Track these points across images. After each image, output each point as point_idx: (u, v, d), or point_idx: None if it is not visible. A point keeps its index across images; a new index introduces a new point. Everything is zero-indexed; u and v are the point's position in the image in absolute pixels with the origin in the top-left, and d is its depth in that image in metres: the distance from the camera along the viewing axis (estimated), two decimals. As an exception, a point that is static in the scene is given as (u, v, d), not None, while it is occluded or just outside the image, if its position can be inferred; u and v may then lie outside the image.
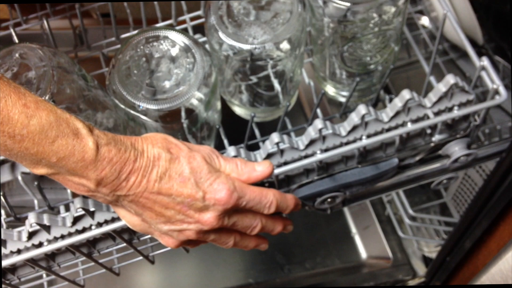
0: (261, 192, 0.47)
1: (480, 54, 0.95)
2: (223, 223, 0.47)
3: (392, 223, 0.95)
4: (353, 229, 0.95)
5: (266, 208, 0.47)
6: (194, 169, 0.44)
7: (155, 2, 0.77)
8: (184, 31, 0.55)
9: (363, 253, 0.94)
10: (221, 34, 0.52)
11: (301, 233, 0.93)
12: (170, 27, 0.54)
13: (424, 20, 0.96)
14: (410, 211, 0.91)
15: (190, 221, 0.46)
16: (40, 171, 0.41)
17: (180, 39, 0.53)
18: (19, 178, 0.64)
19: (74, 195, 0.66)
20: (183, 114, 0.53)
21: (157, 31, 0.53)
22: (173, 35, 0.53)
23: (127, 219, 0.47)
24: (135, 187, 0.43)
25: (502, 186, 0.56)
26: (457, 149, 0.54)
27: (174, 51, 0.52)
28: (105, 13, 1.00)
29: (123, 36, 0.77)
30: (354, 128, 0.49)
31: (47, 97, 0.50)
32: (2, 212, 0.64)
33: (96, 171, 0.41)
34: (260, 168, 0.47)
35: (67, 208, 0.65)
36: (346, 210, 0.97)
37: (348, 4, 0.52)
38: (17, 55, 0.52)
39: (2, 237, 0.48)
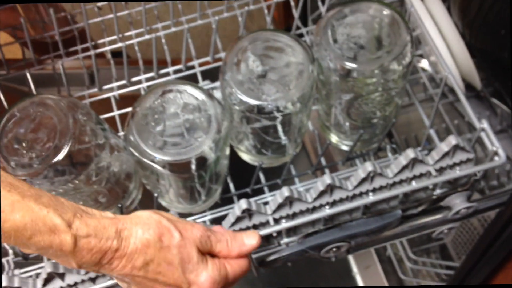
0: (242, 270, 0.49)
1: (478, 98, 0.98)
2: None
3: (393, 263, 0.96)
4: (354, 269, 0.96)
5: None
6: (183, 259, 0.46)
7: (165, 47, 0.80)
8: (198, 85, 0.57)
9: (364, 294, 0.95)
10: (235, 90, 0.55)
11: (302, 272, 0.94)
12: (186, 80, 0.56)
13: (424, 63, 0.99)
14: (410, 254, 0.92)
15: None
16: (27, 251, 0.43)
17: (196, 93, 0.55)
18: None
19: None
20: (194, 164, 0.55)
21: (175, 85, 0.55)
22: (190, 89, 0.55)
23: (117, 282, 0.49)
24: (119, 270, 0.45)
25: (501, 238, 0.58)
26: (458, 202, 0.57)
27: (190, 105, 0.55)
28: (115, 52, 1.03)
29: (134, 79, 0.79)
30: (360, 182, 0.52)
31: (67, 149, 0.52)
32: (10, 251, 0.65)
33: (75, 258, 0.43)
34: (249, 242, 0.49)
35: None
36: (348, 248, 0.99)
37: (354, 65, 0.55)
38: (38, 106, 0.54)
39: (18, 284, 0.49)
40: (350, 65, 0.56)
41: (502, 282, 0.65)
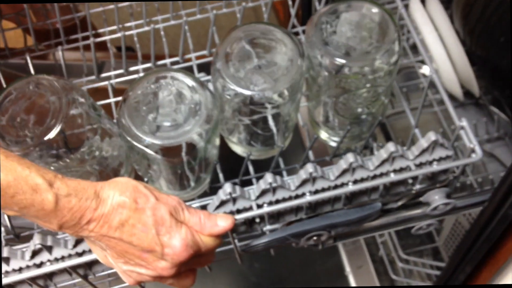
0: (216, 245, 0.51)
1: (476, 105, 0.99)
2: (179, 271, 0.50)
3: (385, 264, 0.98)
4: (347, 268, 0.97)
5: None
6: (157, 221, 0.47)
7: (164, 39, 0.82)
8: (191, 73, 0.59)
9: (356, 293, 0.96)
10: (225, 79, 0.57)
11: (295, 269, 0.95)
12: (179, 68, 0.58)
13: (425, 69, 1.01)
14: (402, 254, 0.94)
15: (148, 266, 0.49)
16: (9, 213, 0.45)
17: (188, 81, 0.57)
18: None
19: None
20: (184, 150, 0.57)
21: (167, 72, 0.57)
22: (181, 76, 0.57)
23: (94, 251, 0.51)
24: (96, 231, 0.46)
25: (484, 233, 0.60)
26: (436, 198, 0.58)
27: (181, 92, 0.57)
28: (119, 46, 1.05)
29: (132, 69, 0.81)
30: (342, 173, 0.53)
31: (59, 128, 0.54)
32: (2, 229, 0.67)
33: (56, 218, 0.44)
34: (222, 223, 0.51)
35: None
36: (340, 248, 1.00)
37: (343, 61, 0.56)
38: (34, 86, 0.56)
39: (7, 255, 0.51)
40: (339, 61, 0.58)
41: (487, 277, 0.67)
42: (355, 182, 0.54)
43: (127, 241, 0.47)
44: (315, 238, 0.58)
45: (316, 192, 0.54)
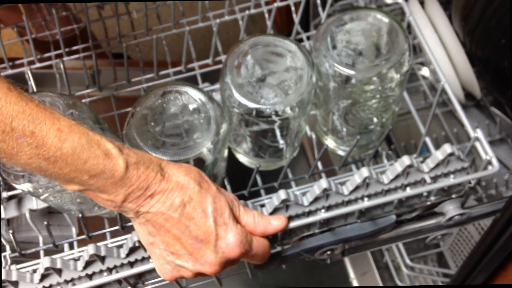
0: (264, 249, 0.50)
1: (478, 107, 0.99)
2: (222, 269, 0.49)
3: (390, 270, 0.97)
4: (351, 275, 0.96)
5: (263, 260, 0.51)
6: (216, 209, 0.47)
7: (166, 48, 0.81)
8: (198, 86, 0.58)
9: (361, 300, 0.95)
10: (234, 93, 0.55)
11: (300, 276, 0.94)
12: (186, 82, 0.57)
13: (425, 71, 1.00)
14: (408, 261, 0.93)
15: (195, 260, 0.48)
16: (73, 187, 0.44)
17: (197, 96, 0.56)
18: (27, 215, 0.65)
19: (80, 233, 0.68)
20: (192, 165, 0.56)
21: (176, 87, 0.56)
22: (190, 91, 0.56)
23: (141, 235, 0.49)
24: (158, 206, 0.45)
25: (497, 245, 0.59)
26: (451, 208, 0.58)
27: (191, 107, 0.56)
28: (116, 53, 1.03)
29: (134, 79, 0.80)
30: (356, 188, 0.52)
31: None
32: (8, 247, 0.66)
33: (124, 187, 0.43)
34: (275, 222, 0.51)
35: (71, 246, 0.66)
36: (345, 254, 0.99)
37: (352, 72, 0.55)
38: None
39: (15, 278, 0.50)
40: (348, 71, 0.57)
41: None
42: (369, 196, 0.53)
43: (185, 224, 0.46)
44: (328, 252, 0.57)
45: (330, 207, 0.53)
